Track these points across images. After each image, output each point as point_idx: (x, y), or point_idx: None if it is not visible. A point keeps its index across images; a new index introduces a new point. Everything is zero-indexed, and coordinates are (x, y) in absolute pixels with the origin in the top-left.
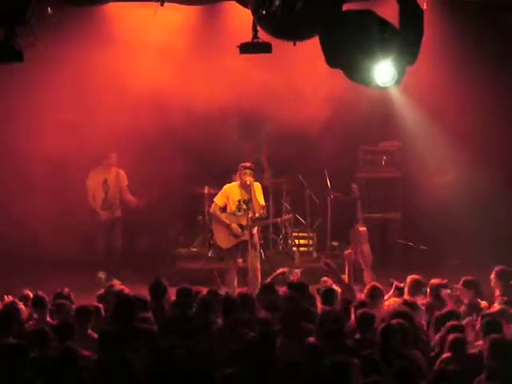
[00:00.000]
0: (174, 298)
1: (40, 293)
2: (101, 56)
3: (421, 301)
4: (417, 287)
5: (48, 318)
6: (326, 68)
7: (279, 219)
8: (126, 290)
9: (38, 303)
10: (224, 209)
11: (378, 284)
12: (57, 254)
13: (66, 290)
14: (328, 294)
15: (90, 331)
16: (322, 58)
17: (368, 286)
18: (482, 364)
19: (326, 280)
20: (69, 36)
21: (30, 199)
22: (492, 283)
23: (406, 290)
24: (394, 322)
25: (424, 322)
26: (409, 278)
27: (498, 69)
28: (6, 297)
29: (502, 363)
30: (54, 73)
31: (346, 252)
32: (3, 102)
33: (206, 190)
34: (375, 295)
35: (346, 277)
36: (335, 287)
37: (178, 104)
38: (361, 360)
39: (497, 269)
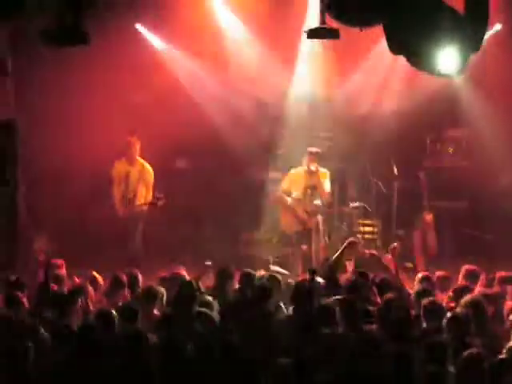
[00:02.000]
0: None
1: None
2: (167, 41)
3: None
4: (473, 277)
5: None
6: (391, 56)
7: (346, 208)
8: (186, 276)
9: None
10: (290, 193)
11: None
12: None
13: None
14: (383, 284)
15: (155, 312)
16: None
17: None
18: None
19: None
20: (137, 21)
21: None
22: None
23: (461, 279)
24: (462, 311)
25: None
26: (464, 268)
27: None
28: (75, 278)
29: None
30: (121, 55)
31: (391, 246)
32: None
33: (270, 175)
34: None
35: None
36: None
37: (245, 92)
38: (425, 348)
39: None
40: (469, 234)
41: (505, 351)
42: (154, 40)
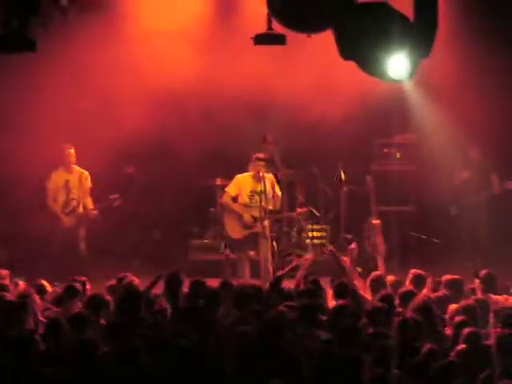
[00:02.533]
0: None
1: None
2: (114, 48)
3: (432, 294)
4: (420, 281)
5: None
6: (340, 61)
7: (294, 213)
8: (136, 282)
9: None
10: (236, 199)
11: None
12: None
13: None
14: (340, 287)
15: (102, 321)
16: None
17: (371, 277)
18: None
19: (346, 261)
20: (84, 28)
21: None
22: None
23: (408, 283)
24: (410, 315)
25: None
26: (411, 273)
27: None
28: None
29: None
30: (67, 64)
31: (349, 247)
32: (15, 94)
33: (218, 182)
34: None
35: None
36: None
37: (191, 96)
38: (374, 353)
39: None
40: (416, 237)
41: (453, 354)
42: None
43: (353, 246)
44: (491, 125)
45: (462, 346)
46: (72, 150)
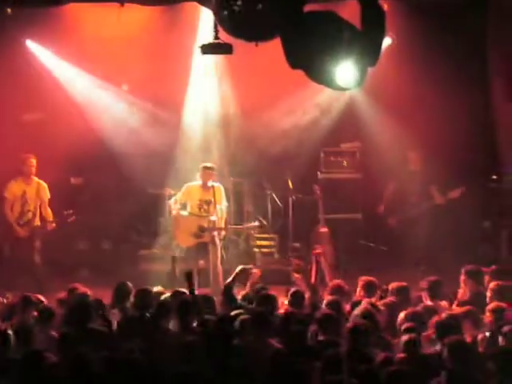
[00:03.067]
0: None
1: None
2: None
3: (380, 302)
4: (371, 288)
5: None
6: (287, 69)
7: (244, 226)
8: (88, 293)
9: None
10: (185, 206)
11: (342, 283)
12: None
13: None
14: (297, 296)
15: (52, 332)
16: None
17: (331, 285)
18: (439, 365)
19: (297, 278)
20: (27, 37)
21: None
22: (462, 282)
23: (359, 290)
24: (359, 322)
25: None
26: (362, 280)
27: (459, 68)
28: None
29: (462, 365)
30: (13, 73)
31: (315, 251)
32: None
33: (166, 191)
34: (341, 294)
35: (312, 277)
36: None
37: (139, 105)
38: (324, 360)
39: (466, 268)
40: (364, 245)
41: (398, 361)
42: (45, 56)
43: (318, 250)
44: (435, 130)
45: (401, 355)
46: (33, 160)
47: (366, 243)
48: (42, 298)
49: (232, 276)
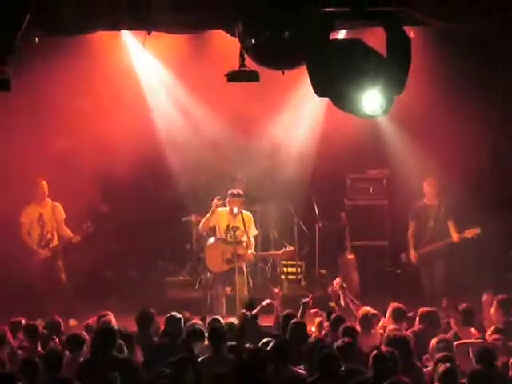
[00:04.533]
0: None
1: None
2: (87, 86)
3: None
4: (400, 315)
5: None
6: (314, 97)
7: (280, 252)
8: (113, 321)
9: (29, 331)
10: (213, 229)
11: (371, 310)
12: None
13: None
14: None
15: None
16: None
17: (361, 313)
18: None
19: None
20: (57, 65)
21: None
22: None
23: (388, 317)
24: (385, 349)
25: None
26: (391, 306)
27: (484, 97)
28: None
29: None
30: (42, 102)
31: (330, 289)
32: None
33: (193, 218)
34: (369, 321)
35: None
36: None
37: (163, 132)
38: None
39: (499, 297)
40: (390, 271)
41: None
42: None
43: (333, 287)
44: (462, 158)
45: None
46: (44, 183)
47: (393, 270)
48: (73, 322)
49: (258, 308)
